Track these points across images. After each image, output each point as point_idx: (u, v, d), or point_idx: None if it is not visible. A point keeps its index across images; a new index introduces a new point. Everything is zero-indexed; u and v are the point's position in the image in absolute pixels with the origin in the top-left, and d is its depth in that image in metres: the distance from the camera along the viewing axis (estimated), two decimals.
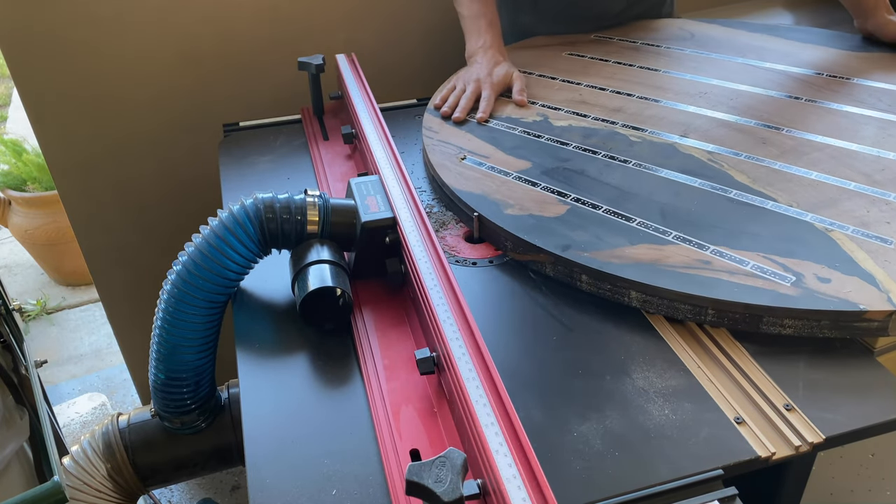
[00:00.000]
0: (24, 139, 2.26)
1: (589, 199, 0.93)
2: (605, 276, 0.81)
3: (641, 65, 1.29)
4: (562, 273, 0.84)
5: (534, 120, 1.13)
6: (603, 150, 1.03)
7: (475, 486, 0.56)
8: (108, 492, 0.95)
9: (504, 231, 0.88)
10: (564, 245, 0.84)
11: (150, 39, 1.37)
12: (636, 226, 0.87)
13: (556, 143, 1.06)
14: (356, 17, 1.48)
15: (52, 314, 2.37)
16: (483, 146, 1.06)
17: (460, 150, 1.05)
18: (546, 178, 0.98)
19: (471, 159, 1.03)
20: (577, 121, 1.12)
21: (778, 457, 0.65)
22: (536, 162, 1.01)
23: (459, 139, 1.08)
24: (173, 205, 1.53)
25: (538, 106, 1.17)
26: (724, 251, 0.82)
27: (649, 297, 0.79)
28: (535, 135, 1.08)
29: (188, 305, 0.79)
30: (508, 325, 0.80)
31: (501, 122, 1.13)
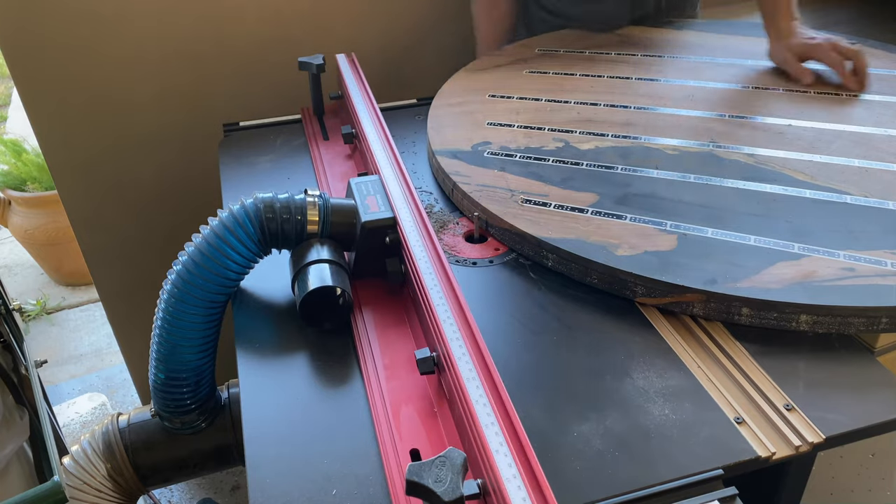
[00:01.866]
0: (23, 139, 2.26)
1: (686, 223, 0.87)
2: (771, 306, 0.75)
3: (607, 74, 1.26)
4: (714, 311, 0.77)
5: (556, 147, 1.06)
6: (653, 169, 0.98)
7: (475, 486, 0.56)
8: (108, 492, 0.95)
9: (632, 276, 0.80)
10: (709, 279, 0.78)
11: (151, 39, 1.37)
12: (755, 243, 0.83)
13: (601, 167, 0.99)
14: (356, 17, 1.48)
15: (52, 314, 2.37)
16: (530, 184, 0.97)
17: (511, 192, 0.95)
18: (625, 207, 0.91)
19: (530, 200, 0.94)
20: (599, 141, 1.06)
21: (778, 457, 0.65)
22: (601, 192, 0.94)
23: (497, 180, 0.99)
24: (173, 205, 1.53)
25: (547, 131, 1.10)
26: (855, 255, 0.80)
27: (821, 317, 0.74)
28: (572, 163, 1.01)
29: (188, 305, 0.78)
30: (508, 325, 0.80)
31: (525, 154, 1.04)
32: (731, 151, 1.01)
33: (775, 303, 0.75)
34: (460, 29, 1.55)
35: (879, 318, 0.74)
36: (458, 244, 0.94)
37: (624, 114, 1.13)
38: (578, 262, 0.83)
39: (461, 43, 1.57)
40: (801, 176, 0.95)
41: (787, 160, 0.99)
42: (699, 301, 0.77)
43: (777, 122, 1.09)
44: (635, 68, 1.28)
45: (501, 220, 0.91)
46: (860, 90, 1.15)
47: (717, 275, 0.78)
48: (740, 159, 0.99)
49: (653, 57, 1.32)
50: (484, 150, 1.06)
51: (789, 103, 1.15)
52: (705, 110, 1.13)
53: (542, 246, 0.86)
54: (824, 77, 1.21)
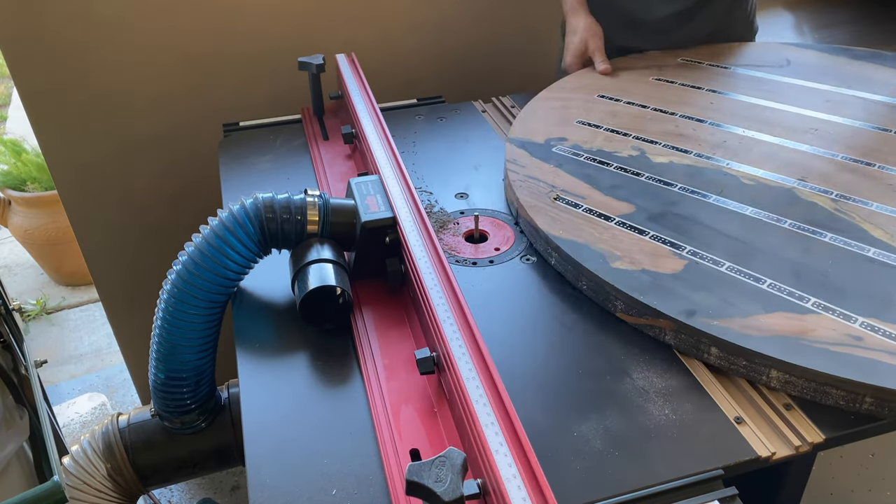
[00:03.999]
0: (23, 139, 2.26)
1: (707, 252, 0.82)
2: (740, 351, 0.70)
3: (738, 94, 1.17)
4: (685, 343, 0.74)
5: (630, 155, 1.01)
6: (714, 194, 0.92)
7: (475, 485, 0.56)
8: (108, 492, 0.95)
9: (614, 289, 0.78)
10: (689, 310, 0.74)
11: (151, 39, 1.37)
12: (767, 288, 0.77)
13: (659, 182, 0.95)
14: (356, 17, 1.48)
15: (52, 314, 2.37)
16: (577, 184, 0.95)
17: (552, 189, 0.94)
18: (654, 224, 0.87)
19: (565, 199, 0.92)
20: (678, 157, 1.00)
21: (778, 457, 0.65)
22: (640, 205, 0.90)
23: (549, 175, 0.97)
24: (173, 205, 1.53)
25: (631, 138, 1.05)
26: (876, 325, 0.71)
27: (793, 377, 0.68)
28: (633, 172, 0.97)
29: (188, 305, 0.78)
30: (508, 325, 0.80)
31: (593, 156, 1.01)
32: (815, 193, 0.92)
33: (746, 350, 0.69)
34: (461, 29, 1.55)
35: (862, 395, 0.66)
36: (458, 244, 0.94)
37: (723, 135, 1.06)
38: (573, 265, 0.83)
39: (462, 43, 1.57)
40: (879, 233, 0.84)
41: (875, 214, 0.87)
42: (671, 329, 0.74)
43: (886, 171, 0.95)
44: (773, 92, 1.17)
45: (525, 211, 0.91)
46: None
47: (701, 308, 0.74)
48: (819, 202, 0.90)
49: (801, 83, 1.20)
50: (554, 145, 1.05)
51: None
52: (820, 147, 1.01)
53: (548, 242, 0.86)
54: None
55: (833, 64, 1.25)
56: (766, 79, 1.21)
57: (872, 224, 0.86)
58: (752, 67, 1.25)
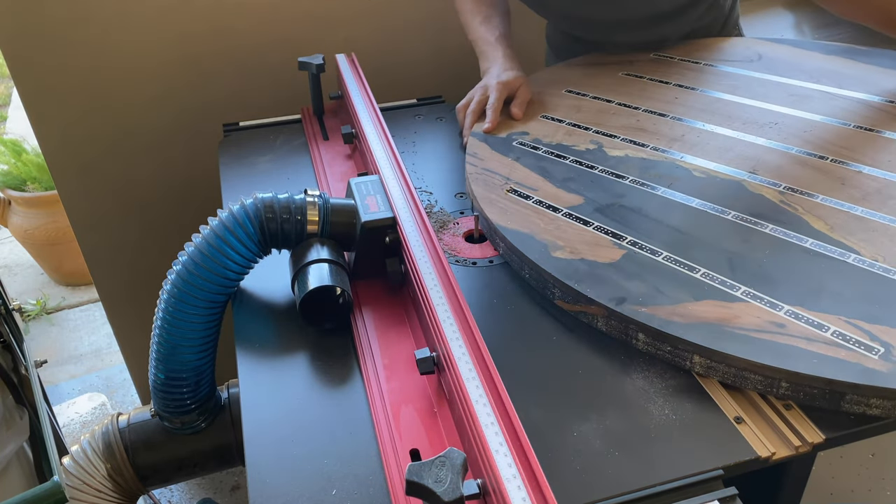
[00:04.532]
0: (23, 139, 2.26)
1: (647, 242, 0.84)
2: (665, 337, 0.72)
3: (704, 88, 1.18)
4: (615, 329, 0.76)
5: (587, 148, 1.03)
6: (663, 186, 0.93)
7: (475, 486, 0.56)
8: (108, 492, 0.95)
9: (551, 277, 0.80)
10: (619, 297, 0.76)
11: (151, 39, 1.37)
12: (701, 277, 0.78)
13: (612, 175, 0.96)
14: (356, 17, 1.48)
15: (52, 314, 2.37)
16: (531, 176, 0.97)
17: (506, 181, 0.97)
18: (599, 216, 0.89)
19: (517, 191, 0.94)
20: (634, 150, 1.02)
21: (778, 457, 0.65)
22: (589, 197, 0.92)
23: (505, 168, 1.00)
24: (173, 205, 1.53)
25: (591, 132, 1.07)
26: (800, 312, 0.73)
27: (714, 363, 0.70)
28: (588, 165, 0.99)
29: (188, 305, 0.79)
30: (508, 325, 0.80)
31: (552, 149, 1.03)
32: (763, 185, 0.93)
33: (670, 336, 0.71)
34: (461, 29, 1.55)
35: (779, 380, 0.67)
36: (458, 244, 0.94)
37: (682, 129, 1.07)
38: (517, 254, 0.85)
39: (462, 43, 1.57)
40: (819, 224, 0.85)
41: (819, 206, 0.88)
42: (601, 316, 0.76)
43: (850, 167, 0.95)
44: (736, 86, 1.18)
45: (478, 203, 0.94)
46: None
47: (632, 296, 0.76)
48: (766, 194, 0.91)
49: (766, 78, 1.20)
50: (515, 139, 1.07)
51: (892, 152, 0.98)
52: (777, 141, 1.02)
53: (495, 233, 0.89)
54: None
55: (804, 59, 1.26)
56: (734, 74, 1.22)
57: (815, 216, 0.87)
58: (723, 63, 1.26)
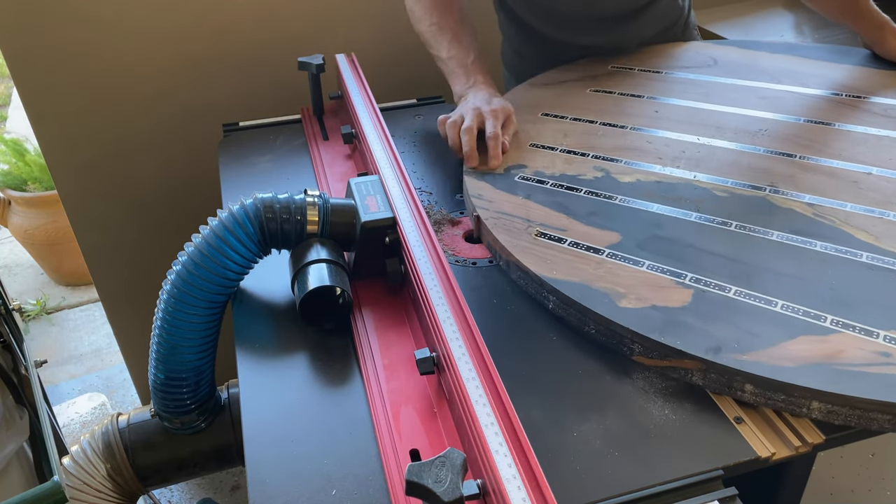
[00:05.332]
0: (25, 139, 2.26)
1: (709, 277, 0.78)
2: (778, 386, 0.66)
3: (678, 99, 1.15)
4: (715, 382, 0.69)
5: (595, 177, 0.97)
6: (692, 210, 0.89)
7: (475, 486, 0.56)
8: (108, 492, 0.95)
9: (628, 331, 0.72)
10: (713, 346, 0.69)
11: (150, 39, 1.37)
12: (782, 310, 0.73)
13: (634, 204, 0.91)
14: (356, 17, 1.48)
15: (52, 314, 2.37)
16: (552, 215, 0.90)
17: (528, 223, 0.88)
18: (645, 252, 0.82)
19: (546, 234, 0.86)
20: (643, 174, 0.97)
21: (778, 457, 0.65)
22: (624, 231, 0.86)
23: (520, 208, 0.91)
24: (173, 205, 1.53)
25: (590, 158, 1.01)
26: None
27: (836, 407, 0.65)
28: (605, 196, 0.93)
29: (188, 305, 0.78)
30: (508, 325, 0.80)
31: (559, 182, 0.96)
32: (789, 199, 0.90)
33: (783, 384, 0.66)
34: None
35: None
36: (458, 244, 0.94)
37: (679, 145, 1.03)
38: (577, 308, 0.76)
39: None
40: (863, 235, 0.83)
41: (852, 215, 0.87)
42: (698, 370, 0.70)
43: (855, 169, 0.96)
44: (709, 93, 1.17)
45: (508, 253, 0.84)
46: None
47: (724, 342, 0.70)
48: (797, 209, 0.89)
49: (732, 82, 1.20)
50: (517, 174, 0.98)
51: (876, 147, 1.01)
52: (775, 148, 1.01)
53: (543, 286, 0.80)
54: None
55: (756, 60, 1.27)
56: (699, 81, 1.21)
57: (853, 226, 0.85)
58: (682, 70, 1.25)
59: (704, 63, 1.27)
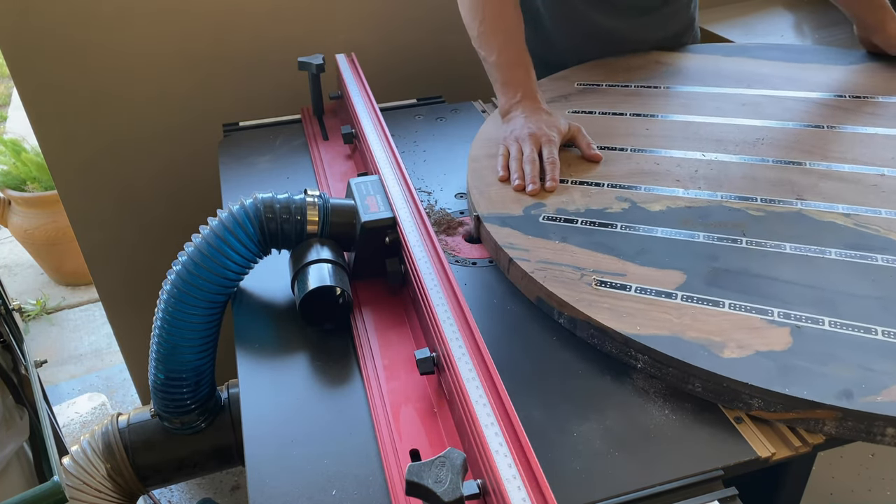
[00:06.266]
0: (23, 139, 2.26)
1: (796, 310, 0.74)
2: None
3: (663, 114, 1.11)
4: (851, 430, 0.64)
5: (622, 208, 0.90)
6: (739, 236, 0.84)
7: (475, 486, 0.56)
8: (108, 492, 0.95)
9: (745, 386, 0.66)
10: (842, 390, 0.64)
11: (151, 39, 1.37)
12: (884, 337, 0.70)
13: (679, 236, 0.85)
14: (356, 17, 1.48)
15: (52, 314, 2.37)
16: (601, 259, 0.82)
17: (580, 272, 0.80)
18: (718, 290, 0.77)
19: (606, 282, 0.78)
20: (670, 200, 0.91)
21: (778, 457, 0.65)
22: (685, 269, 0.80)
23: (564, 254, 0.83)
24: (173, 205, 1.53)
25: (607, 188, 0.94)
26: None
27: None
28: (644, 229, 0.86)
29: (188, 305, 0.79)
30: (508, 325, 0.80)
31: (587, 218, 0.88)
32: (823, 211, 0.88)
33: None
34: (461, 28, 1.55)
35: None
36: (458, 244, 0.94)
37: (691, 164, 0.99)
38: (677, 366, 0.69)
39: (462, 43, 1.57)
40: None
41: (891, 221, 0.85)
42: (832, 419, 0.64)
43: (867, 171, 0.95)
44: (689, 104, 1.13)
45: (576, 310, 0.75)
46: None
47: (850, 384, 0.65)
48: (837, 221, 0.86)
49: (706, 91, 1.17)
50: (539, 215, 0.89)
51: (873, 146, 1.00)
52: (779, 157, 1.00)
53: (629, 344, 0.72)
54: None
55: (717, 65, 1.25)
56: (672, 91, 1.17)
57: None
58: (648, 80, 1.20)
59: (667, 73, 1.23)
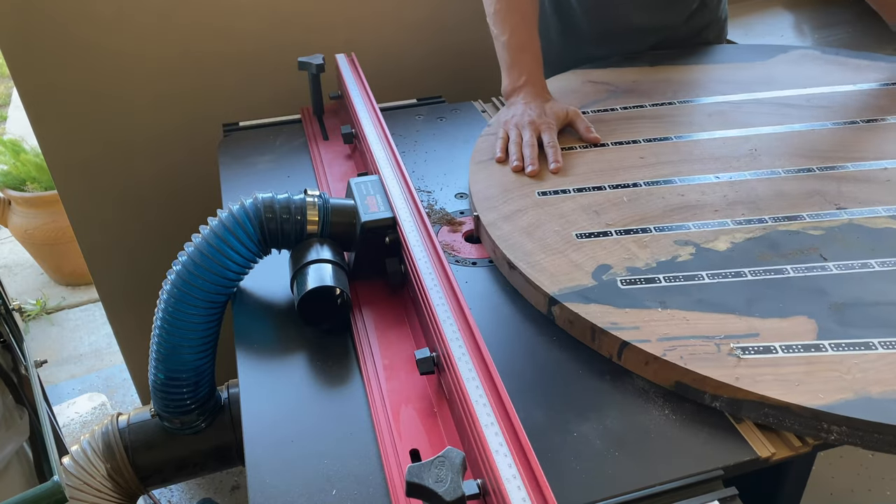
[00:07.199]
0: (22, 139, 2.26)
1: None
2: None
3: (643, 139, 1.06)
4: None
5: (690, 254, 0.83)
6: (825, 262, 0.80)
7: (475, 485, 0.56)
8: (108, 492, 0.95)
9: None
10: None
11: (151, 39, 1.37)
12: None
13: (768, 274, 0.79)
14: (356, 17, 1.48)
15: (52, 314, 2.37)
16: (719, 320, 0.74)
17: (709, 340, 0.71)
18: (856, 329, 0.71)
19: (745, 348, 0.70)
20: (727, 234, 0.86)
21: (778, 457, 0.65)
22: (808, 312, 0.74)
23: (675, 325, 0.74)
24: (173, 205, 1.53)
25: (656, 232, 0.87)
26: None
27: None
28: (732, 274, 0.79)
29: (188, 305, 0.79)
30: (508, 325, 0.80)
31: (665, 275, 0.80)
32: (869, 217, 0.86)
33: None
34: (461, 28, 1.55)
35: None
36: (458, 244, 0.94)
37: (714, 190, 0.94)
38: (885, 432, 0.62)
39: (462, 43, 1.57)
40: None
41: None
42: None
43: (875, 167, 0.95)
44: (669, 124, 1.09)
45: (741, 390, 0.66)
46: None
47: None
48: (891, 226, 0.85)
49: (681, 104, 1.14)
50: (613, 279, 0.80)
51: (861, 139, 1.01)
52: (788, 166, 0.97)
53: (820, 418, 0.64)
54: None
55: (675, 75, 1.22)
56: (635, 112, 1.12)
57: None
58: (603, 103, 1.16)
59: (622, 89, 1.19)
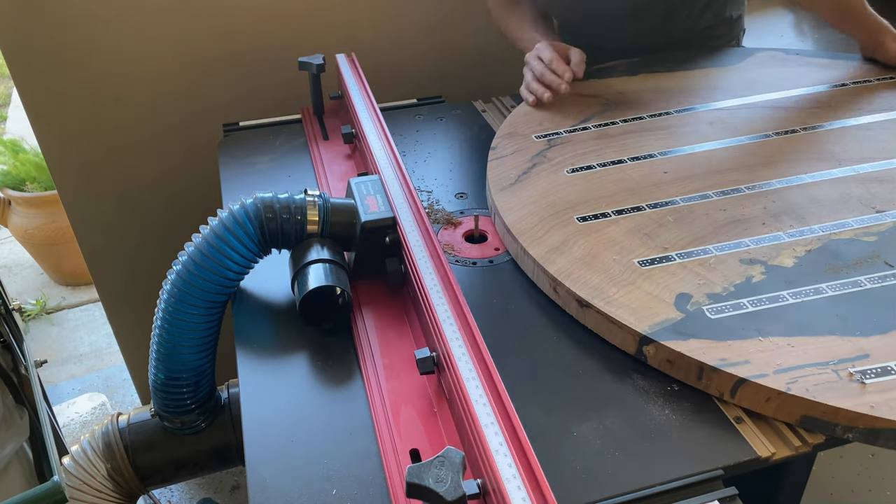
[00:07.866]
0: (22, 139, 2.26)
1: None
2: None
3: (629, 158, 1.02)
4: None
5: (761, 273, 0.81)
6: (888, 270, 0.80)
7: (475, 485, 0.56)
8: (108, 492, 0.95)
9: None
10: None
11: (151, 39, 1.37)
12: None
13: (846, 288, 0.77)
14: (356, 17, 1.48)
15: (51, 314, 2.37)
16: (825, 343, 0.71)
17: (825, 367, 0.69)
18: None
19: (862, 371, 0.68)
20: (788, 248, 0.84)
21: (778, 457, 0.65)
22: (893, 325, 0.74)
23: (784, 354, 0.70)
24: (173, 205, 1.53)
25: (718, 254, 0.84)
26: None
27: None
28: (813, 291, 0.78)
29: (188, 305, 0.79)
30: (508, 325, 0.80)
31: (749, 297, 0.77)
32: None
33: None
34: (461, 28, 1.55)
35: None
36: (458, 244, 0.94)
37: (751, 202, 0.92)
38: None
39: (462, 42, 1.57)
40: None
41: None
42: None
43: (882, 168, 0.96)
44: (677, 135, 1.07)
45: (875, 419, 0.64)
46: None
47: None
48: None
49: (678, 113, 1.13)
50: (699, 309, 0.76)
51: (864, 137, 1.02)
52: (810, 171, 0.97)
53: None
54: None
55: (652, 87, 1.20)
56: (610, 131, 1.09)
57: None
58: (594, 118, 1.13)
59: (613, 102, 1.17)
